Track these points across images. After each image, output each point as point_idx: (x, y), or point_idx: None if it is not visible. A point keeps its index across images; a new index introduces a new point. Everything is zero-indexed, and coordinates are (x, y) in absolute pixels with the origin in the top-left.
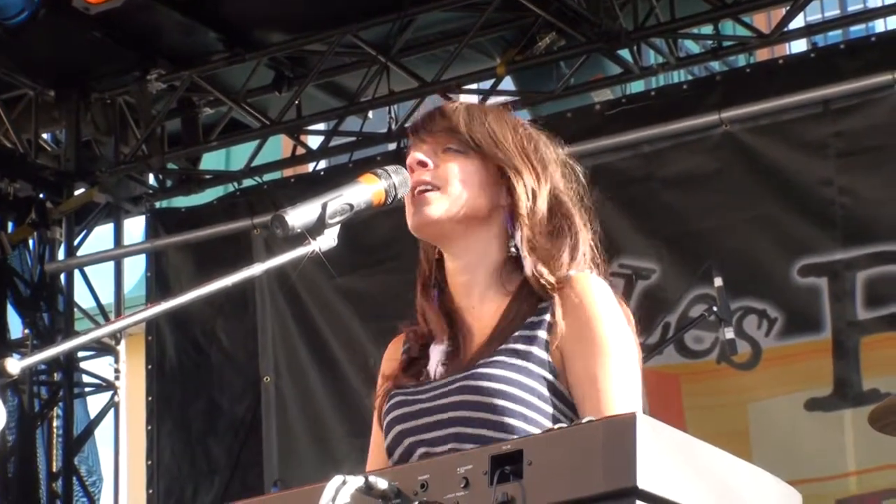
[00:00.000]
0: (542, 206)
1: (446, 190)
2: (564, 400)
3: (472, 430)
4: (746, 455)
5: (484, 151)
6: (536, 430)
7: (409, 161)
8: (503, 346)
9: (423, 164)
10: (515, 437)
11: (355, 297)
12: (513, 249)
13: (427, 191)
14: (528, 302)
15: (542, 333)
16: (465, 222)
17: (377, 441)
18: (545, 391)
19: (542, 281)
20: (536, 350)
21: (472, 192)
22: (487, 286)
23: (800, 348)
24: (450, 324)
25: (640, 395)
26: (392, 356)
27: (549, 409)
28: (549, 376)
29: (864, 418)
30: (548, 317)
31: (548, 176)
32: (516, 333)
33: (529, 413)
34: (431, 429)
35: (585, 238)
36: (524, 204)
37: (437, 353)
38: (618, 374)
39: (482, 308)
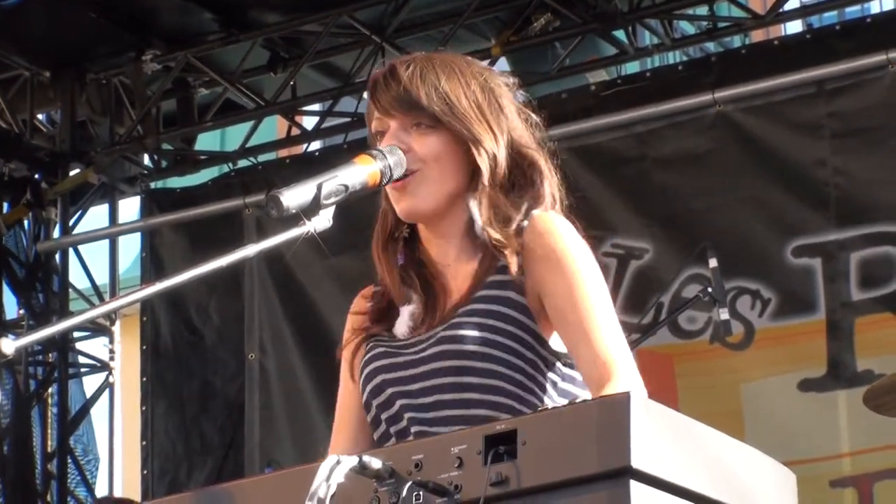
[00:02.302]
0: (503, 163)
1: (426, 172)
2: (542, 341)
3: (452, 378)
4: (739, 436)
5: (445, 125)
6: (515, 374)
7: (383, 145)
8: (478, 294)
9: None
10: (493, 382)
11: (346, 276)
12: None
13: (407, 175)
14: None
15: (516, 276)
16: (448, 200)
17: (348, 394)
18: (523, 334)
19: (493, 240)
20: (512, 294)
21: (449, 171)
22: (462, 248)
23: (793, 329)
24: (423, 282)
25: (616, 317)
26: (359, 310)
27: (526, 353)
28: (525, 319)
29: (858, 399)
30: (517, 258)
31: (505, 124)
32: (489, 279)
33: (506, 356)
34: (416, 380)
35: (551, 183)
36: (485, 176)
37: (406, 311)
38: (595, 304)
39: (458, 266)
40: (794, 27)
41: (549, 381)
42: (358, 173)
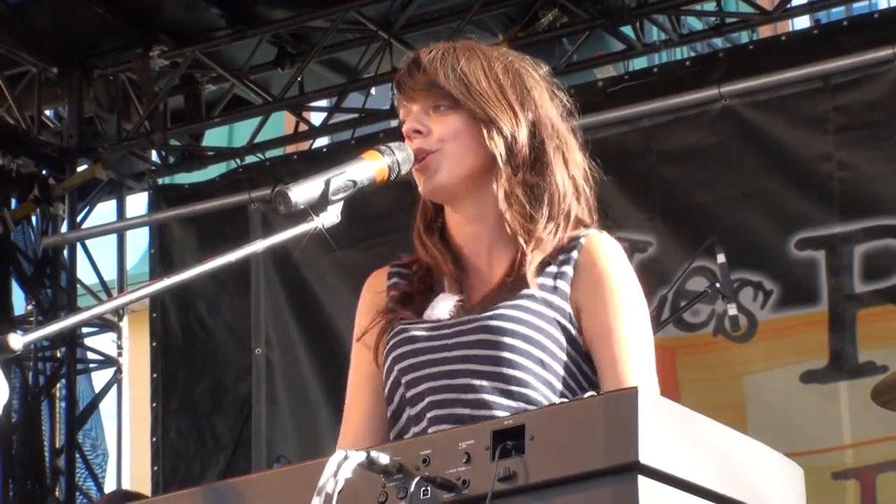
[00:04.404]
0: (525, 145)
1: (445, 153)
2: (579, 350)
3: (487, 367)
4: (742, 428)
5: (462, 105)
6: (547, 375)
7: (404, 128)
8: (525, 291)
9: (418, 132)
10: (526, 377)
11: (353, 270)
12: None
13: (428, 154)
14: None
15: (562, 284)
16: (469, 179)
17: (364, 378)
18: (562, 339)
19: (511, 226)
20: (558, 300)
21: (469, 149)
22: (496, 234)
23: (796, 320)
24: (456, 268)
25: (653, 348)
26: (376, 289)
27: (563, 356)
28: (569, 325)
29: (860, 391)
30: (568, 269)
31: (531, 106)
32: (538, 280)
33: (544, 356)
34: (448, 363)
35: (571, 172)
36: (499, 159)
37: (444, 296)
38: (633, 330)
39: (491, 256)
40: (802, 23)
41: (576, 389)
42: (366, 169)
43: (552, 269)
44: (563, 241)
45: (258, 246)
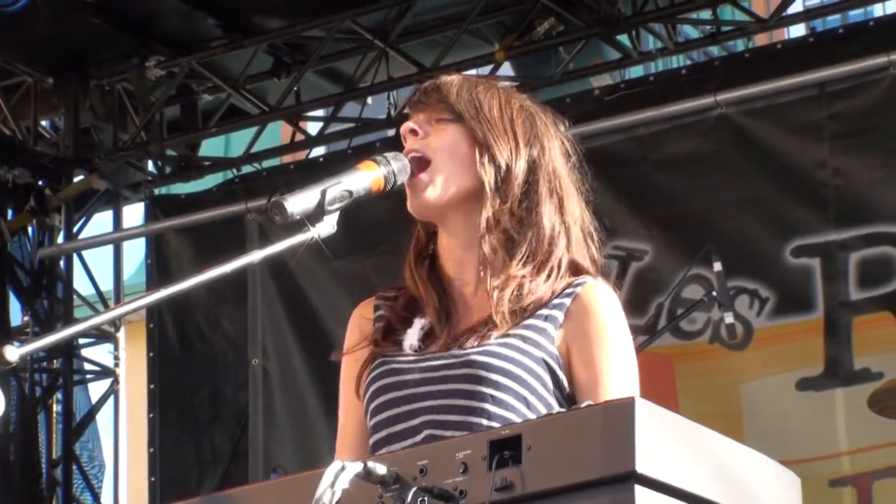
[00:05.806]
0: (518, 179)
1: (438, 164)
2: (563, 392)
3: (477, 403)
4: (739, 435)
5: (465, 122)
6: (531, 415)
7: (402, 130)
8: (514, 331)
9: (413, 132)
10: (515, 417)
11: (350, 280)
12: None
13: (417, 159)
14: (541, 290)
15: (549, 327)
16: (458, 201)
17: (352, 412)
18: (549, 382)
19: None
20: (545, 342)
21: (461, 168)
22: (487, 263)
23: (791, 328)
24: (440, 296)
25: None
26: (364, 315)
27: (552, 400)
28: (555, 367)
29: (856, 397)
30: (558, 314)
31: (535, 145)
32: (527, 321)
33: (531, 398)
34: (435, 397)
35: (573, 215)
36: (487, 185)
37: (419, 324)
38: (623, 383)
39: (479, 286)
40: (798, 31)
41: None
42: (362, 179)
43: (544, 311)
44: (558, 288)
45: (255, 256)
